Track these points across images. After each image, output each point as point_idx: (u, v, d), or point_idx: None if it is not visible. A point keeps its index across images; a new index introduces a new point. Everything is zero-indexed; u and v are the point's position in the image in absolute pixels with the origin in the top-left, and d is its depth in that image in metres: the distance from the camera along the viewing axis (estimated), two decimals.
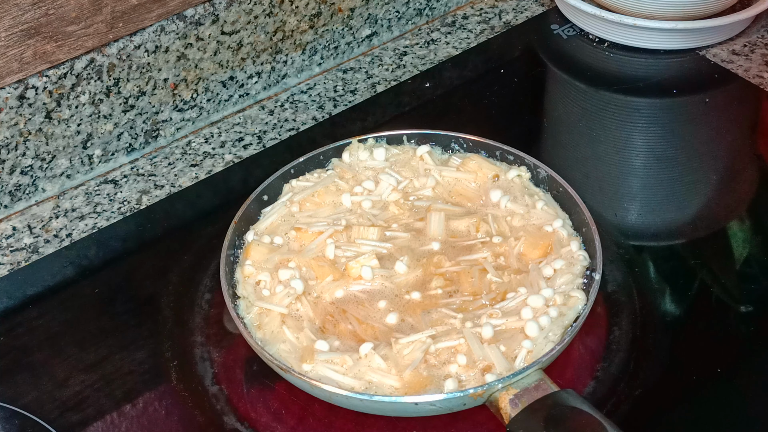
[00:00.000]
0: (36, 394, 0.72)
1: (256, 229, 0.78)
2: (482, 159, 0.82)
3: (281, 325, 0.70)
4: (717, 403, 0.70)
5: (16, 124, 0.84)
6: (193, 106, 0.95)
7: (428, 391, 0.65)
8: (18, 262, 0.84)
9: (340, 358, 0.67)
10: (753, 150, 0.93)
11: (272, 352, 0.69)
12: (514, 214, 0.77)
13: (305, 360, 0.68)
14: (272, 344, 0.70)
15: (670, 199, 0.88)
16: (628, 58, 1.02)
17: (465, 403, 0.65)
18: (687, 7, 0.99)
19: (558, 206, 0.78)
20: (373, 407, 0.66)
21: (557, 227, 0.76)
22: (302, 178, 0.82)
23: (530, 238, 0.75)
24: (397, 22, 1.06)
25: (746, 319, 0.76)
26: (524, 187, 0.80)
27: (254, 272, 0.74)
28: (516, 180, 0.80)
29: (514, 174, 0.80)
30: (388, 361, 0.67)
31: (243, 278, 0.74)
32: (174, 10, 0.89)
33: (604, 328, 0.74)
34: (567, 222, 0.77)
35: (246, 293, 0.73)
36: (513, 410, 0.63)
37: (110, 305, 0.79)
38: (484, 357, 0.66)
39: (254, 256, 0.75)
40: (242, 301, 0.73)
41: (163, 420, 0.71)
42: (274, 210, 0.79)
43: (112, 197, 0.89)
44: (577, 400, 0.62)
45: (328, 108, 0.98)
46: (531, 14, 1.09)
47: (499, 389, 0.64)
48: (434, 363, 0.67)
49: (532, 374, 0.64)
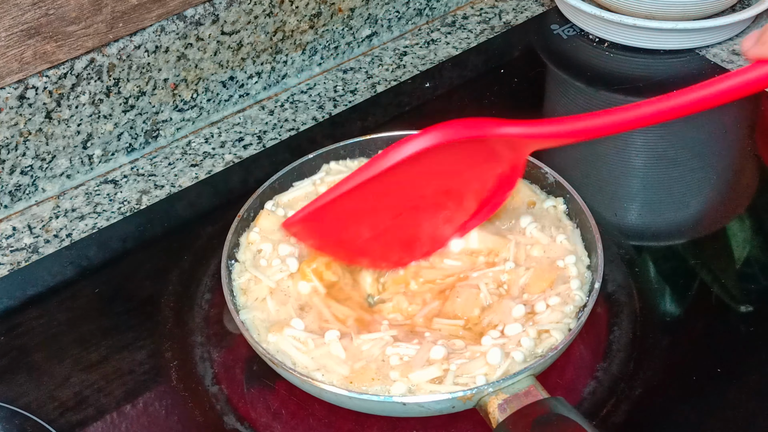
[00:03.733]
0: (36, 394, 0.72)
1: (278, 200, 0.79)
2: (523, 183, 0.79)
3: (267, 295, 0.72)
4: (717, 403, 0.70)
5: (16, 124, 0.84)
6: (193, 106, 0.95)
7: (373, 387, 0.66)
8: (18, 262, 0.84)
9: (304, 339, 0.69)
10: (753, 150, 0.93)
11: (245, 318, 0.71)
12: (536, 244, 0.75)
13: (273, 330, 0.69)
14: (250, 311, 0.71)
15: (670, 199, 0.88)
16: (628, 58, 1.02)
17: (454, 406, 0.65)
18: (687, 7, 0.99)
19: (580, 242, 0.75)
20: (362, 405, 0.66)
21: (569, 263, 0.73)
22: (341, 163, 0.82)
23: (539, 270, 0.73)
24: (397, 22, 1.06)
25: (746, 319, 0.76)
26: (557, 218, 0.77)
27: (258, 240, 0.76)
28: (551, 210, 0.78)
29: (551, 204, 0.78)
30: (347, 351, 0.68)
31: (246, 243, 0.76)
32: (174, 10, 0.89)
33: (604, 328, 0.74)
34: (583, 259, 0.74)
35: (244, 258, 0.75)
36: (501, 415, 0.63)
37: (110, 305, 0.79)
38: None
39: (263, 224, 0.77)
40: (238, 265, 0.75)
41: (163, 420, 0.71)
42: (302, 186, 0.80)
43: (112, 197, 0.89)
44: (566, 408, 0.62)
45: (328, 108, 0.98)
46: (531, 14, 1.09)
47: (489, 393, 0.64)
48: (396, 364, 0.67)
49: (523, 380, 0.64)
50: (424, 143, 0.63)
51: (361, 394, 0.65)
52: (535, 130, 0.65)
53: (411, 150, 0.63)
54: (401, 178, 0.65)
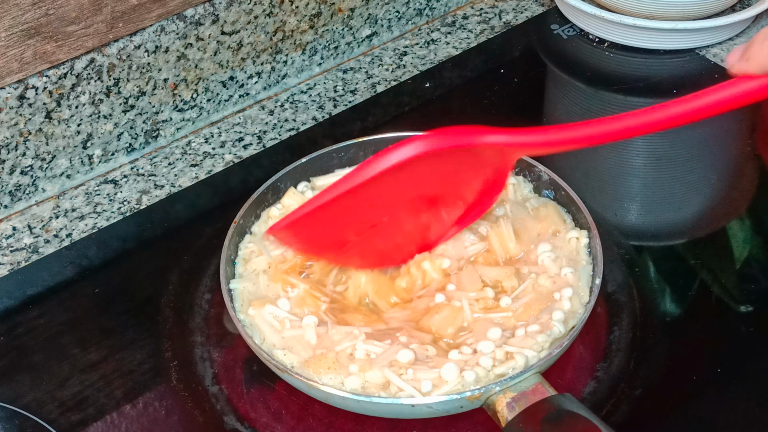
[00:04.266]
0: (36, 394, 0.72)
1: (314, 183, 0.81)
2: (555, 210, 0.77)
3: (263, 270, 0.74)
4: (717, 403, 0.70)
5: (16, 124, 0.84)
6: (193, 106, 0.95)
7: (328, 375, 0.66)
8: (18, 262, 0.84)
9: (282, 318, 0.70)
10: (753, 150, 0.93)
11: (235, 287, 0.73)
12: (543, 273, 0.73)
13: (254, 305, 0.71)
14: (243, 281, 0.73)
15: (670, 199, 0.88)
16: (628, 58, 1.02)
17: (462, 406, 0.65)
18: (687, 7, 0.99)
19: (587, 278, 0.72)
20: (368, 408, 0.66)
21: (564, 296, 0.71)
22: None
23: (534, 301, 0.71)
24: (397, 22, 1.06)
25: (746, 319, 0.76)
26: (576, 250, 0.75)
27: (277, 216, 0.78)
28: (572, 241, 0.75)
29: (573, 235, 0.75)
30: (319, 338, 0.69)
31: (267, 218, 0.78)
32: (174, 10, 0.89)
33: (604, 328, 0.74)
34: (581, 295, 0.71)
35: (257, 231, 0.78)
36: (510, 414, 0.63)
37: (110, 305, 0.79)
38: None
39: (286, 202, 0.79)
40: (249, 236, 0.77)
41: (163, 420, 0.71)
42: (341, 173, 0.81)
43: (112, 197, 0.89)
44: (575, 405, 0.62)
45: (328, 108, 0.98)
46: (531, 14, 1.09)
47: (496, 392, 0.64)
48: (360, 358, 0.67)
49: (529, 378, 0.64)
50: (410, 152, 0.64)
51: (370, 397, 0.65)
52: (521, 139, 0.66)
53: (397, 159, 0.64)
54: (387, 184, 0.66)
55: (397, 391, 0.65)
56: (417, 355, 0.67)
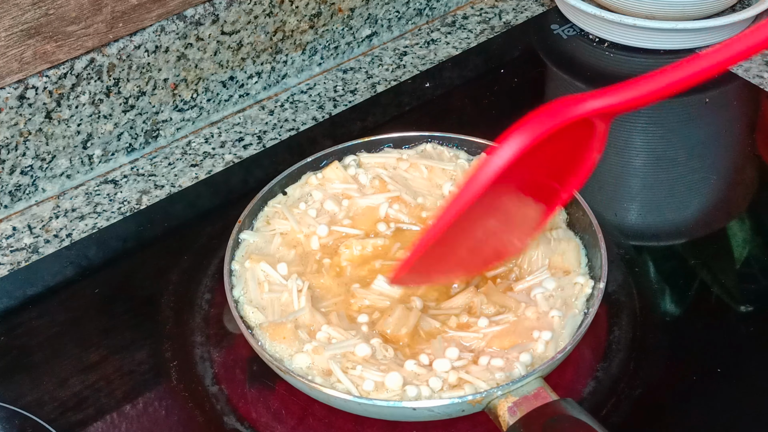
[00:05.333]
0: (36, 394, 0.72)
1: (360, 159, 0.81)
2: (576, 250, 0.74)
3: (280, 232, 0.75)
4: (717, 403, 0.70)
5: (16, 124, 0.84)
6: (193, 106, 0.95)
7: (281, 343, 0.67)
8: (18, 262, 0.84)
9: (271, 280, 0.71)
10: (753, 150, 0.93)
11: (244, 238, 0.75)
12: (531, 307, 0.70)
13: (252, 259, 0.72)
14: (255, 235, 0.75)
15: (670, 199, 0.88)
16: (628, 58, 1.02)
17: (463, 410, 0.65)
18: (687, 7, 0.99)
19: (572, 328, 0.69)
20: (370, 411, 0.66)
21: (542, 338, 0.68)
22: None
23: (509, 333, 0.69)
24: (397, 22, 1.06)
25: (746, 319, 0.76)
26: (574, 295, 0.71)
27: (315, 184, 0.79)
28: (576, 287, 0.72)
29: (580, 281, 0.72)
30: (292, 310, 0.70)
31: (305, 182, 0.79)
32: (174, 10, 0.89)
33: (604, 328, 0.74)
34: (558, 343, 0.68)
35: (292, 193, 0.79)
36: (511, 418, 0.62)
37: (110, 305, 0.79)
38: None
39: (328, 174, 0.80)
40: (282, 197, 0.79)
41: (163, 420, 0.71)
42: (392, 154, 0.81)
43: (112, 197, 0.89)
44: (576, 410, 0.62)
45: (328, 108, 0.98)
46: (531, 14, 1.09)
47: (498, 396, 0.63)
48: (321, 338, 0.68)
49: (531, 382, 0.64)
50: (513, 149, 0.57)
51: (371, 400, 0.65)
52: (623, 96, 0.61)
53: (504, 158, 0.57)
54: (496, 188, 0.60)
55: (335, 381, 0.66)
56: (375, 352, 0.67)
